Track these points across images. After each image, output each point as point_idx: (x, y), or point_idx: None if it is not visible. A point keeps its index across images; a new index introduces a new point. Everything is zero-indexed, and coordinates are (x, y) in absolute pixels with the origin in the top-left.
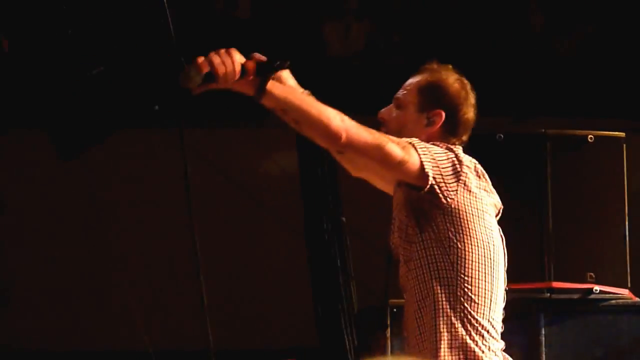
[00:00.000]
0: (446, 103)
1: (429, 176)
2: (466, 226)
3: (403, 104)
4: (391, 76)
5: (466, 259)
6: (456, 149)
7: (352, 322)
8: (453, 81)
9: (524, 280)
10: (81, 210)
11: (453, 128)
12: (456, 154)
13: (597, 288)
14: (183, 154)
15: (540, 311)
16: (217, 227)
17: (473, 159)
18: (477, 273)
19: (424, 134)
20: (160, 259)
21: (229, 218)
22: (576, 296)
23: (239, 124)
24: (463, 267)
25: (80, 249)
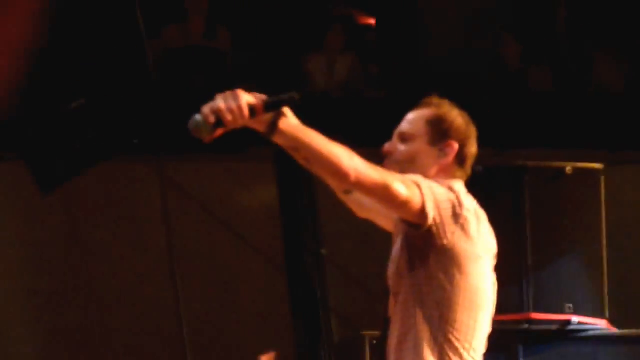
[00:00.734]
0: (454, 136)
1: (429, 217)
2: (458, 269)
3: (411, 137)
4: (371, 109)
5: (452, 301)
6: (457, 188)
7: (332, 354)
8: (456, 115)
9: (504, 311)
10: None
11: (462, 160)
12: (457, 196)
13: (576, 319)
14: (162, 187)
15: (519, 343)
16: (197, 260)
17: (474, 201)
18: (461, 316)
19: (437, 166)
20: (138, 292)
21: (209, 251)
22: (555, 327)
23: (220, 157)
24: (447, 309)
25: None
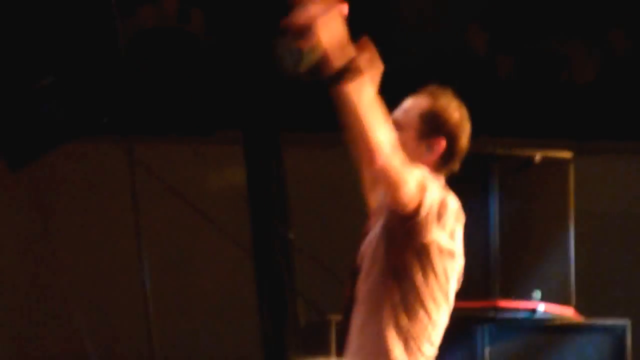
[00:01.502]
0: (446, 132)
1: (420, 216)
2: (431, 266)
3: (403, 127)
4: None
5: (416, 293)
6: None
7: (298, 337)
8: (454, 110)
9: (470, 297)
10: (28, 220)
11: (449, 157)
12: (443, 197)
13: (542, 307)
14: (131, 168)
15: (484, 330)
16: (165, 242)
17: (456, 200)
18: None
19: (421, 160)
20: (106, 272)
21: (177, 232)
22: (521, 315)
23: (188, 139)
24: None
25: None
